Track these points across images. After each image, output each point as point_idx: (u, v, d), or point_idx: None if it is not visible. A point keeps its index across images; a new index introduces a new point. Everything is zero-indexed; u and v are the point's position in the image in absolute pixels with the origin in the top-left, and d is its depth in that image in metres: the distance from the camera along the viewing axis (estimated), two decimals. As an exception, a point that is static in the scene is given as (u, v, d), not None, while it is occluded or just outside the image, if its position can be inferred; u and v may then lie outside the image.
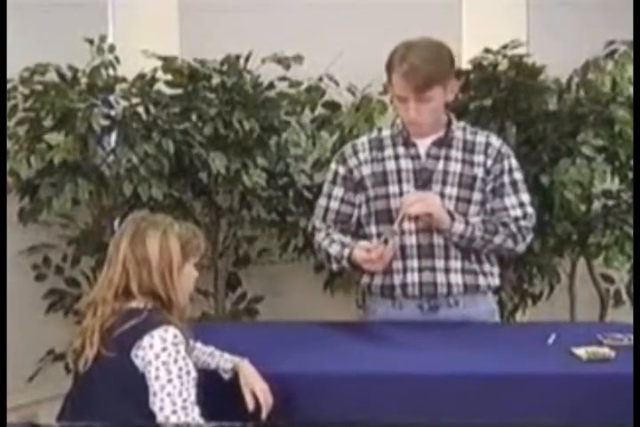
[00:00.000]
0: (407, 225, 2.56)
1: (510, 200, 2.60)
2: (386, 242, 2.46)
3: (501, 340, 2.45)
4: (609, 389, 2.10)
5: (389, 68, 2.54)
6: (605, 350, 2.23)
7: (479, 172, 2.60)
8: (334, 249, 2.62)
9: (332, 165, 2.72)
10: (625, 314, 3.54)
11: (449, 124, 2.63)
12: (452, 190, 2.58)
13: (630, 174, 3.44)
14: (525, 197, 2.62)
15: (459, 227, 2.53)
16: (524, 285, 3.59)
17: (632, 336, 2.31)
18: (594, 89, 3.45)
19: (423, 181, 2.59)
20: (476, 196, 2.60)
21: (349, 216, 2.68)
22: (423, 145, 2.62)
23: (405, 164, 2.61)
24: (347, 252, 2.57)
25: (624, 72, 3.39)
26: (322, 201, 2.72)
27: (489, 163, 2.60)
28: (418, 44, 2.53)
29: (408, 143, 2.63)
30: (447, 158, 2.60)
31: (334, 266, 2.65)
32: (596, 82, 3.44)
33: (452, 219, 2.52)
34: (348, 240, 2.63)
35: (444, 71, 2.52)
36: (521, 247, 2.64)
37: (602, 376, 2.13)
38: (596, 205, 3.52)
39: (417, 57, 2.48)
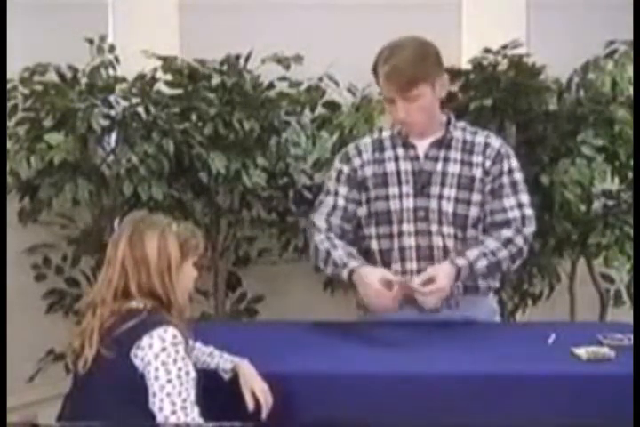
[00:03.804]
0: (406, 226, 2.57)
1: (509, 201, 2.58)
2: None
3: (501, 340, 2.45)
4: (609, 389, 2.10)
5: (375, 70, 2.54)
6: (605, 350, 2.23)
7: (478, 172, 2.59)
8: (337, 254, 2.54)
9: (337, 164, 2.70)
10: (625, 314, 3.54)
11: (448, 124, 2.63)
12: (450, 192, 2.57)
13: (630, 174, 3.45)
14: (524, 199, 2.60)
15: (462, 281, 2.53)
16: (524, 285, 3.59)
17: (632, 336, 2.31)
18: (594, 89, 3.44)
19: (422, 182, 2.58)
20: (476, 197, 2.59)
21: (354, 215, 2.65)
22: (422, 146, 2.61)
23: (404, 165, 2.60)
24: (352, 266, 2.50)
25: (624, 72, 3.39)
26: (327, 199, 2.66)
27: (487, 164, 2.59)
28: (400, 45, 2.52)
29: (407, 144, 2.62)
30: (446, 159, 2.59)
31: (329, 269, 2.56)
32: (596, 82, 3.43)
33: (458, 279, 2.50)
34: (353, 250, 2.57)
35: (428, 69, 2.50)
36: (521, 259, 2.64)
37: (602, 376, 2.13)
38: (596, 205, 3.52)
39: (398, 58, 2.48)
